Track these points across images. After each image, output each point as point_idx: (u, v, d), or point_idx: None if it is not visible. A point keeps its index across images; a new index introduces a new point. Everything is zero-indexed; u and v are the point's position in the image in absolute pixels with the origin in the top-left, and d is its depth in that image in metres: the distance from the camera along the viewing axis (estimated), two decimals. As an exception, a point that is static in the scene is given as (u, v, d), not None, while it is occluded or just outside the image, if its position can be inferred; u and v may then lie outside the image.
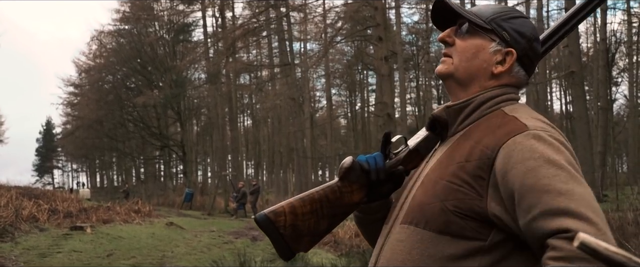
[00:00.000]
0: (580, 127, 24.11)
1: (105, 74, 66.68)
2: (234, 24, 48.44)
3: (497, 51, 2.09)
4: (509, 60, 2.09)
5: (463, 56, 2.13)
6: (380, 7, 30.67)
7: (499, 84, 2.12)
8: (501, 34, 2.09)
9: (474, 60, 2.12)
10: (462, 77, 2.14)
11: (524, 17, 2.18)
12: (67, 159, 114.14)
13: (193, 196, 47.13)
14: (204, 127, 71.11)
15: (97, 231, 18.54)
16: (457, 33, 2.17)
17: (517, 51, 2.09)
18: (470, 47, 2.12)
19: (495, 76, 2.11)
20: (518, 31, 2.10)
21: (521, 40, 2.10)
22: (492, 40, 2.10)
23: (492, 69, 2.10)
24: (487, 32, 2.11)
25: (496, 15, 2.13)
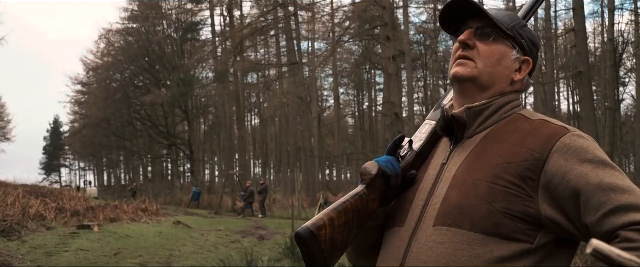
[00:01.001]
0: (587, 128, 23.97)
1: (113, 73, 66.80)
2: (242, 23, 48.44)
3: (516, 59, 2.14)
4: (526, 69, 2.16)
5: (488, 61, 2.13)
6: (388, 7, 30.60)
7: (513, 90, 2.16)
8: (521, 42, 2.15)
9: (498, 66, 2.13)
10: (485, 81, 2.14)
11: (527, 26, 2.24)
12: (75, 157, 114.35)
13: (200, 195, 47.18)
14: (212, 126, 71.15)
15: (104, 230, 18.55)
16: (477, 36, 2.16)
17: (533, 61, 2.17)
18: (496, 53, 2.13)
19: (513, 83, 2.15)
20: (532, 41, 2.18)
21: (534, 50, 2.19)
22: (513, 47, 2.14)
23: (512, 76, 2.14)
24: (509, 39, 2.14)
25: (515, 23, 2.17)
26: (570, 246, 2.00)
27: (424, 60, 61.27)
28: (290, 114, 55.66)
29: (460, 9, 2.20)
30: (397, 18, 43.62)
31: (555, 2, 42.92)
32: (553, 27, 44.19)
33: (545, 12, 42.44)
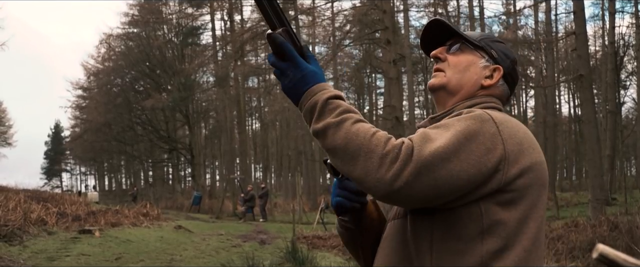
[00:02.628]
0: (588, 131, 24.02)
1: (114, 77, 66.78)
2: (243, 27, 48.50)
3: (486, 67, 2.31)
4: (497, 75, 2.30)
5: (456, 69, 2.32)
6: (388, 11, 30.64)
7: (486, 94, 2.30)
8: (490, 52, 2.32)
9: (466, 72, 2.30)
10: (454, 87, 2.31)
11: (505, 44, 2.41)
12: (76, 162, 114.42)
13: (201, 199, 47.18)
14: (212, 130, 71.21)
15: (105, 235, 18.55)
16: (448, 50, 2.36)
17: (503, 68, 2.31)
18: (463, 61, 2.32)
19: (484, 88, 2.30)
20: (504, 52, 2.35)
21: (506, 59, 2.34)
22: (482, 56, 2.32)
23: (482, 82, 2.29)
24: (478, 49, 2.32)
25: (485, 37, 2.38)
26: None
27: (424, 63, 61.21)
28: (291, 117, 55.67)
29: (434, 33, 2.40)
30: (397, 22, 43.66)
31: (555, 5, 43.00)
32: (553, 31, 44.20)
33: (545, 15, 42.46)
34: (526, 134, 2.08)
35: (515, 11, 48.53)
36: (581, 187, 48.18)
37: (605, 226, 16.76)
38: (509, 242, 1.98)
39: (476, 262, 1.98)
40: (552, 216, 26.69)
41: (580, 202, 35.18)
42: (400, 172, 1.82)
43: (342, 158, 1.92)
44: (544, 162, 2.10)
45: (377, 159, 1.85)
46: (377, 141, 1.89)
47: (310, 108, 2.03)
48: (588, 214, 21.70)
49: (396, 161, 1.84)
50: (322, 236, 21.50)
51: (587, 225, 17.59)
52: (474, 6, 48.48)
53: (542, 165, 2.07)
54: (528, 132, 2.10)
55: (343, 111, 1.98)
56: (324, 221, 28.76)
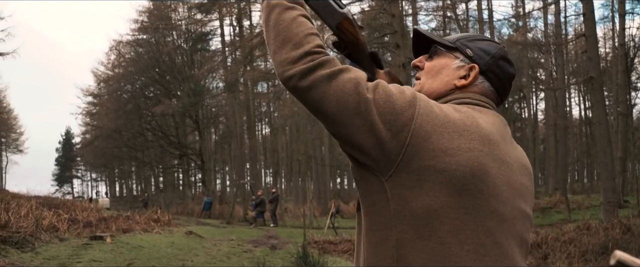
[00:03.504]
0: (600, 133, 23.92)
1: (124, 84, 67.01)
2: (252, 32, 48.52)
3: (461, 67, 2.26)
4: (473, 74, 2.24)
5: (429, 74, 2.33)
6: (397, 15, 30.62)
7: (459, 93, 2.26)
8: (465, 51, 2.27)
9: (438, 76, 2.29)
10: (426, 92, 2.27)
11: (490, 41, 2.35)
12: (87, 168, 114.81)
13: (212, 205, 47.25)
14: (222, 135, 71.24)
15: (116, 241, 18.56)
16: (427, 57, 2.37)
17: (480, 66, 2.25)
18: (436, 65, 2.31)
19: (458, 88, 2.25)
20: (482, 49, 2.28)
21: (485, 56, 2.27)
22: (456, 57, 2.28)
23: (454, 82, 2.26)
24: (452, 51, 2.29)
25: (462, 37, 2.35)
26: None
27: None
28: (301, 122, 55.70)
29: (420, 43, 2.43)
30: (406, 25, 43.55)
31: (565, 7, 42.85)
32: (563, 33, 44.08)
33: (555, 18, 42.37)
34: (458, 121, 2.02)
35: (524, 14, 48.43)
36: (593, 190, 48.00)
37: (617, 229, 16.71)
38: (421, 231, 1.95)
39: (388, 254, 1.99)
40: (564, 219, 26.67)
41: (592, 205, 35.07)
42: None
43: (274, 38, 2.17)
44: (476, 150, 1.98)
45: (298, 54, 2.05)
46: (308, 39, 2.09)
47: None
48: (600, 217, 21.62)
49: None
50: (333, 241, 21.51)
51: (599, 228, 17.53)
52: (482, 9, 48.39)
53: (466, 153, 1.96)
54: (466, 122, 2.04)
55: (299, 9, 2.23)
56: (335, 226, 28.80)
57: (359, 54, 2.45)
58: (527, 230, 2.13)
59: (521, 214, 2.10)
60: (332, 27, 2.41)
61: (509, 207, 2.03)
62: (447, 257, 1.92)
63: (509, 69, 2.31)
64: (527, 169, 2.22)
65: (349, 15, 2.40)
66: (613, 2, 44.65)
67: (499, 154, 2.05)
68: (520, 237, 2.08)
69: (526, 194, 2.14)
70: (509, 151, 2.13)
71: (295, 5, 2.20)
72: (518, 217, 2.07)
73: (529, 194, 2.17)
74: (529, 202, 2.16)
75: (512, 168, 2.08)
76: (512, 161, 2.11)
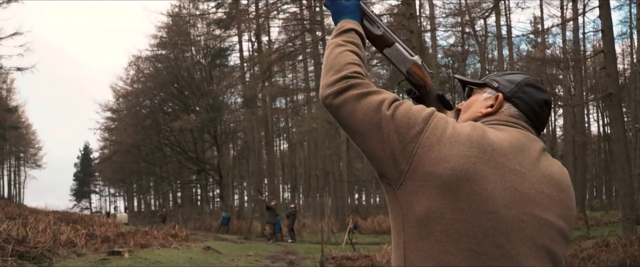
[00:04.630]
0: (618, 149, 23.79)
1: (143, 99, 67.28)
2: (270, 48, 48.63)
3: (488, 98, 2.48)
4: (498, 102, 2.43)
5: (464, 111, 2.57)
6: (416, 31, 30.61)
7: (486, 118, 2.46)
8: (492, 84, 2.50)
9: (469, 109, 2.53)
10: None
11: (521, 73, 2.55)
12: (105, 183, 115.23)
13: (230, 220, 47.23)
14: (241, 151, 71.38)
15: (134, 256, 18.57)
16: (465, 99, 2.63)
17: (505, 93, 2.44)
18: (470, 102, 2.55)
19: (485, 115, 2.44)
20: (509, 80, 2.48)
21: (510, 85, 2.46)
22: (484, 92, 2.51)
23: (480, 112, 2.46)
24: (483, 87, 2.53)
25: (494, 74, 2.58)
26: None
27: (452, 83, 61.19)
28: (319, 138, 55.63)
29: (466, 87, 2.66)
30: (425, 41, 43.66)
31: (583, 23, 42.70)
32: (582, 49, 43.94)
33: (573, 34, 42.26)
34: (464, 134, 2.19)
35: (543, 30, 48.33)
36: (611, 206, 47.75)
37: (636, 246, 16.60)
38: (421, 232, 2.12)
39: (400, 255, 2.20)
40: (583, 236, 26.48)
41: (611, 222, 34.87)
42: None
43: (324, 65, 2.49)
44: (474, 156, 2.13)
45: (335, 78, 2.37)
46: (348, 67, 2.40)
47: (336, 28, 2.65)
48: (619, 234, 21.47)
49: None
50: (351, 257, 21.45)
51: (618, 244, 17.43)
52: (501, 25, 48.34)
53: (462, 159, 2.12)
54: (471, 134, 2.19)
55: (349, 45, 2.53)
56: (353, 242, 28.72)
57: (428, 95, 2.79)
58: (550, 239, 2.17)
59: (536, 221, 2.15)
60: (403, 72, 2.76)
61: (514, 211, 2.12)
62: (443, 255, 2.08)
63: (536, 94, 2.45)
64: (554, 179, 2.27)
65: (418, 61, 2.73)
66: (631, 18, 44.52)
67: (504, 162, 2.17)
68: (534, 244, 2.13)
69: (548, 203, 2.20)
70: (524, 161, 2.22)
71: (347, 43, 2.53)
72: (530, 223, 2.14)
73: (554, 203, 2.22)
74: (554, 212, 2.20)
75: (523, 176, 2.18)
76: (527, 169, 2.20)
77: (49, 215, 27.71)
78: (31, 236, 16.77)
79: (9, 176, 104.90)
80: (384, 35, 2.76)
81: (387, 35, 2.76)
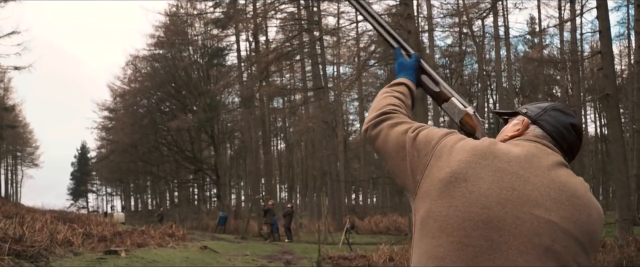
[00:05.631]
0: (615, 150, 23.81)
1: (140, 98, 67.22)
2: (268, 48, 48.58)
3: (517, 123, 2.61)
4: (523, 125, 2.57)
5: (497, 138, 2.65)
6: (413, 31, 30.60)
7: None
8: (521, 111, 2.65)
9: (500, 135, 2.66)
10: None
11: (551, 102, 2.71)
12: (102, 183, 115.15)
13: (227, 220, 47.22)
14: (238, 150, 71.32)
15: (131, 255, 18.56)
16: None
17: (531, 117, 2.58)
18: (503, 131, 2.68)
19: (511, 137, 2.57)
20: (536, 106, 2.64)
21: (537, 110, 2.60)
22: (515, 119, 2.66)
23: (508, 134, 2.60)
24: (514, 116, 2.68)
25: (525, 105, 2.71)
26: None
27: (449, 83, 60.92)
28: (316, 138, 55.63)
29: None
30: (422, 42, 43.63)
31: (581, 24, 42.73)
32: (579, 50, 43.98)
33: (571, 35, 42.28)
34: (470, 144, 2.36)
35: (540, 31, 48.38)
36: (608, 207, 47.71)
37: (632, 246, 16.63)
38: (421, 231, 2.30)
39: (411, 255, 2.39)
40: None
41: (608, 222, 34.76)
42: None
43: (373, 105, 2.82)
44: (472, 161, 2.29)
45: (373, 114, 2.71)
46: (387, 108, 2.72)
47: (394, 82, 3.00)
48: (615, 234, 21.48)
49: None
50: (348, 257, 21.45)
51: (614, 245, 17.45)
52: (498, 26, 48.39)
53: (462, 163, 2.28)
54: (477, 145, 2.36)
55: (395, 92, 2.88)
56: (350, 242, 28.71)
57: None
58: (551, 238, 2.17)
59: (535, 220, 2.18)
60: (457, 122, 2.93)
61: (509, 208, 2.19)
62: (435, 248, 2.22)
63: (561, 117, 2.56)
64: (566, 187, 2.28)
65: (470, 112, 2.91)
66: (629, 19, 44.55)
67: (505, 167, 2.28)
68: (530, 241, 2.15)
69: (553, 205, 2.22)
70: (530, 167, 2.30)
71: (393, 91, 2.90)
72: (527, 221, 2.18)
73: (561, 207, 2.22)
74: (560, 214, 2.21)
75: (526, 179, 2.26)
76: (532, 174, 2.28)
77: (46, 214, 27.72)
78: (28, 235, 16.76)
79: (6, 175, 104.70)
80: (441, 92, 3.00)
81: (445, 92, 3.00)
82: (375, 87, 65.38)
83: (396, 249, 20.32)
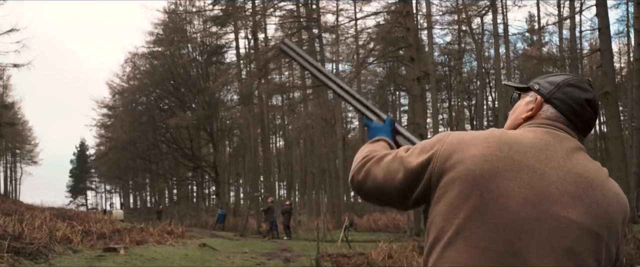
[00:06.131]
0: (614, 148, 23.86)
1: (139, 96, 67.23)
2: (266, 45, 48.59)
3: (530, 102, 2.46)
4: (536, 104, 2.42)
5: (509, 116, 2.58)
6: (412, 28, 30.61)
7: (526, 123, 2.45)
8: (534, 87, 2.48)
9: (513, 115, 2.54)
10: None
11: (563, 74, 2.51)
12: (101, 180, 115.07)
13: (226, 217, 47.19)
14: (237, 148, 71.33)
15: (130, 253, 18.53)
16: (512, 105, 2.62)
17: (544, 95, 2.42)
18: (515, 108, 2.55)
19: (526, 120, 2.43)
20: (549, 82, 2.46)
21: (550, 86, 2.44)
22: (528, 95, 2.51)
23: (522, 116, 2.46)
24: (526, 92, 2.53)
25: (538, 78, 2.55)
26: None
27: (448, 81, 61.20)
28: (315, 135, 55.69)
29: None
30: (421, 39, 43.66)
31: (580, 22, 42.71)
32: (578, 47, 43.95)
33: (570, 32, 42.26)
34: (480, 137, 2.25)
35: (539, 28, 48.37)
36: (607, 205, 47.66)
37: (632, 244, 16.62)
38: (438, 236, 2.17)
39: (424, 261, 2.25)
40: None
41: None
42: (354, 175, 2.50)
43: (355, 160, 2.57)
44: (489, 155, 2.17)
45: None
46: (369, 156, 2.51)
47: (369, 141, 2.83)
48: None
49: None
50: (347, 254, 21.42)
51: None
52: (498, 23, 48.36)
53: (477, 158, 2.16)
54: (488, 136, 2.24)
55: (373, 145, 2.71)
56: (349, 239, 28.70)
57: None
58: (571, 239, 2.10)
59: (554, 219, 2.10)
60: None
61: (528, 209, 2.09)
62: (452, 253, 2.12)
63: (576, 93, 2.40)
64: (583, 177, 2.21)
65: None
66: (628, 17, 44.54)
67: (521, 159, 2.17)
68: (549, 243, 2.08)
69: (571, 201, 2.14)
70: (545, 159, 2.20)
71: (373, 144, 2.75)
72: (547, 221, 2.09)
73: (578, 202, 2.15)
74: (578, 210, 2.14)
75: (542, 173, 2.16)
76: (548, 167, 2.18)
77: (45, 211, 27.73)
78: (27, 233, 16.75)
79: (5, 172, 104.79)
80: None
81: None
82: (374, 85, 65.40)
83: (395, 247, 20.30)
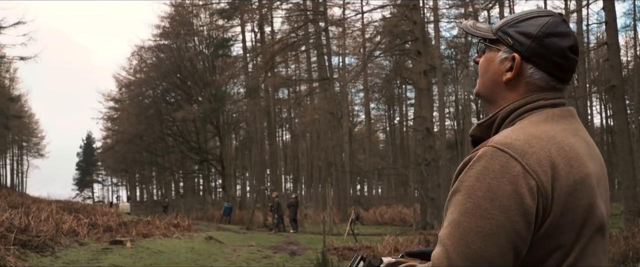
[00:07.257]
0: (621, 142, 23.74)
1: (146, 89, 67.30)
2: (273, 38, 48.62)
3: (505, 59, 2.05)
4: (516, 65, 2.01)
5: (480, 74, 2.15)
6: (419, 22, 30.56)
7: (522, 94, 2.04)
8: (506, 40, 2.05)
9: (486, 74, 2.12)
10: (484, 93, 2.14)
11: (536, 17, 2.07)
12: (107, 173, 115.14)
13: (232, 210, 47.19)
14: (243, 141, 71.33)
15: (136, 245, 18.57)
16: (479, 55, 2.19)
17: (522, 53, 2.01)
18: (483, 62, 2.13)
19: (508, 85, 2.05)
20: (522, 33, 2.03)
21: (526, 40, 2.01)
22: (499, 50, 2.07)
23: (501, 79, 2.06)
24: (496, 44, 2.09)
25: (504, 23, 2.11)
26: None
27: (455, 74, 61.17)
28: (321, 129, 55.61)
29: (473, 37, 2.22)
30: (427, 32, 43.54)
31: (587, 15, 42.68)
32: (585, 41, 43.87)
33: (577, 26, 42.17)
34: (563, 145, 1.91)
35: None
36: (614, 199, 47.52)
37: (638, 238, 16.56)
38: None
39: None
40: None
41: (613, 214, 34.71)
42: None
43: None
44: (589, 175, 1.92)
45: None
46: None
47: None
48: (621, 226, 21.43)
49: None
50: (353, 247, 21.42)
51: (619, 237, 17.38)
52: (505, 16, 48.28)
53: (583, 182, 1.89)
54: (566, 141, 1.93)
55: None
56: (355, 232, 28.70)
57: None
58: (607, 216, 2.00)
59: (605, 205, 1.99)
60: None
61: (602, 209, 1.95)
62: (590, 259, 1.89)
63: (558, 43, 2.01)
64: (600, 160, 2.09)
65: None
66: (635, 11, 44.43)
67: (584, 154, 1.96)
68: (606, 228, 1.99)
69: (604, 193, 2.02)
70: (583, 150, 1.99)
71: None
72: (601, 209, 1.95)
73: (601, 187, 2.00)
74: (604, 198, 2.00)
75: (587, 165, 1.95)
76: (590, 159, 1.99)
77: (51, 204, 27.79)
78: (34, 225, 16.80)
79: (11, 165, 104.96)
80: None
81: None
82: (380, 78, 65.30)
83: (401, 240, 20.32)
